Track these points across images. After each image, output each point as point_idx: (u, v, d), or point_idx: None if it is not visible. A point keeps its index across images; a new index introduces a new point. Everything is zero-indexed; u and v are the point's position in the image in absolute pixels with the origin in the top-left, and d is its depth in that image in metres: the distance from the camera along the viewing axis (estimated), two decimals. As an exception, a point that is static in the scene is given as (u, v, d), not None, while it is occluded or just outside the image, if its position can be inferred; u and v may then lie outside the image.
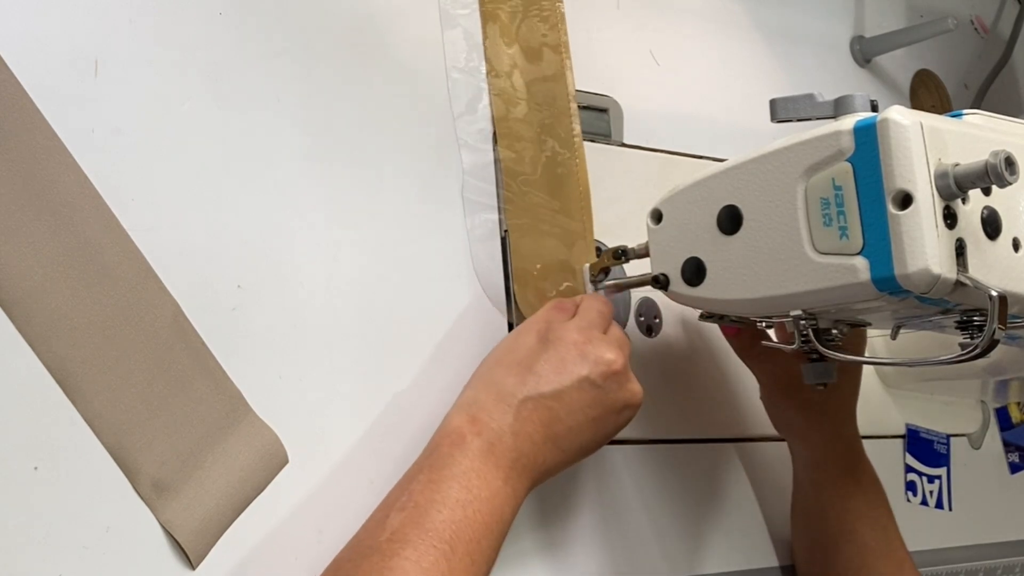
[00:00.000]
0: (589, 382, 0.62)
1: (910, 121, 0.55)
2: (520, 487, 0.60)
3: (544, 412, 0.61)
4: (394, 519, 0.56)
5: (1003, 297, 0.54)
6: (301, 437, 0.61)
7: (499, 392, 0.61)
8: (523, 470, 0.60)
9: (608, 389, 0.63)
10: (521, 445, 0.60)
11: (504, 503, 0.59)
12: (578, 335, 0.63)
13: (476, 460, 0.58)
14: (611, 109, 0.82)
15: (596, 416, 0.63)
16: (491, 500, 0.58)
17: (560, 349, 0.62)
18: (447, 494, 0.57)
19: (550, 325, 0.64)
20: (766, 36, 0.96)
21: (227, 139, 0.62)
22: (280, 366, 0.61)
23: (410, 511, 0.56)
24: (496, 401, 0.61)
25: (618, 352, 0.64)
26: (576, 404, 0.62)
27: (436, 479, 0.57)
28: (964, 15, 1.17)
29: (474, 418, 0.60)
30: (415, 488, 0.57)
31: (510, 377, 0.62)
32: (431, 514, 0.55)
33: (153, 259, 0.57)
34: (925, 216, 0.54)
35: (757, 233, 0.61)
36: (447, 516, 0.56)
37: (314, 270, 0.64)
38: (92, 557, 0.52)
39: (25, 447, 0.52)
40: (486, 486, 0.58)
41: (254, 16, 0.65)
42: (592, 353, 0.62)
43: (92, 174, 0.56)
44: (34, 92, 0.55)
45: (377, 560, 0.54)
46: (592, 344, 0.63)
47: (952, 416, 0.98)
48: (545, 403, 0.61)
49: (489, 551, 0.57)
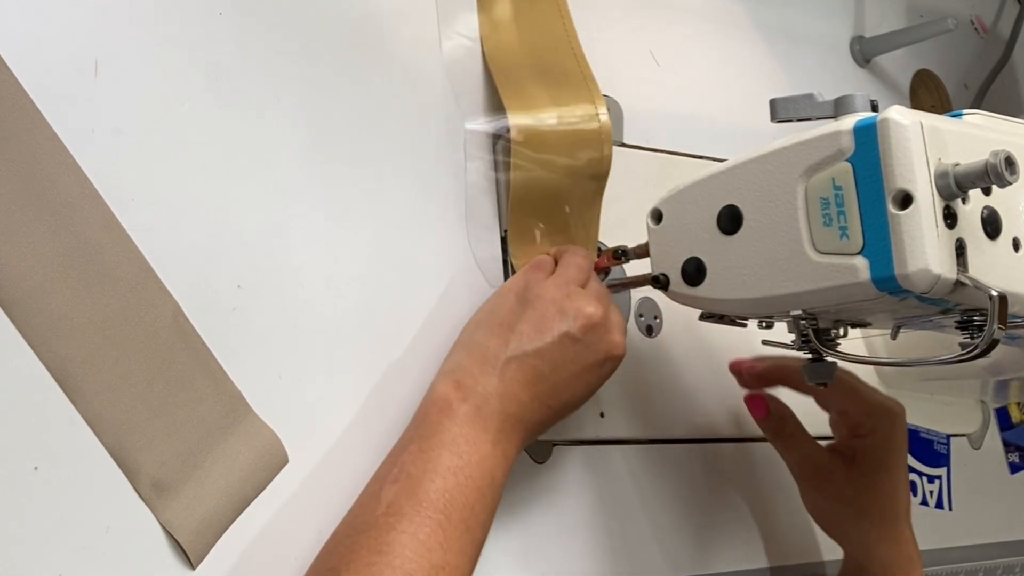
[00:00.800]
0: (570, 337, 0.62)
1: (910, 121, 0.55)
2: (510, 448, 0.60)
3: (528, 371, 0.61)
4: (388, 492, 0.56)
5: (1003, 297, 0.54)
6: (301, 437, 0.61)
7: (482, 355, 0.61)
8: (511, 431, 0.60)
9: (589, 342, 0.63)
10: (508, 406, 0.60)
11: (495, 466, 0.59)
12: (556, 291, 0.63)
13: (464, 425, 0.59)
14: (611, 109, 0.82)
15: (579, 370, 0.63)
16: (481, 464, 0.58)
17: (539, 307, 0.62)
18: (438, 462, 0.57)
19: (528, 284, 0.64)
20: (766, 36, 0.96)
21: (227, 139, 0.62)
22: (280, 366, 0.61)
23: (403, 483, 0.56)
24: (480, 364, 0.61)
25: (597, 304, 0.63)
26: (559, 360, 0.62)
27: (426, 448, 0.58)
28: (964, 15, 1.17)
29: (459, 383, 0.60)
30: (406, 459, 0.58)
31: (492, 339, 0.62)
32: (424, 484, 0.56)
33: (153, 259, 0.57)
34: (925, 216, 0.54)
35: (757, 233, 0.61)
36: (440, 485, 0.56)
37: (314, 270, 0.64)
38: (92, 557, 0.52)
39: (25, 447, 0.52)
40: (476, 451, 0.58)
41: (254, 16, 0.65)
42: (571, 308, 0.63)
43: (92, 174, 0.56)
44: (34, 92, 0.55)
45: (375, 535, 0.54)
46: (570, 299, 0.63)
47: (952, 416, 0.98)
48: (528, 362, 0.61)
49: (483, 516, 0.58)
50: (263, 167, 0.63)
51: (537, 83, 0.72)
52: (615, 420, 0.75)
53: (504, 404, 0.60)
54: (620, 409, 0.76)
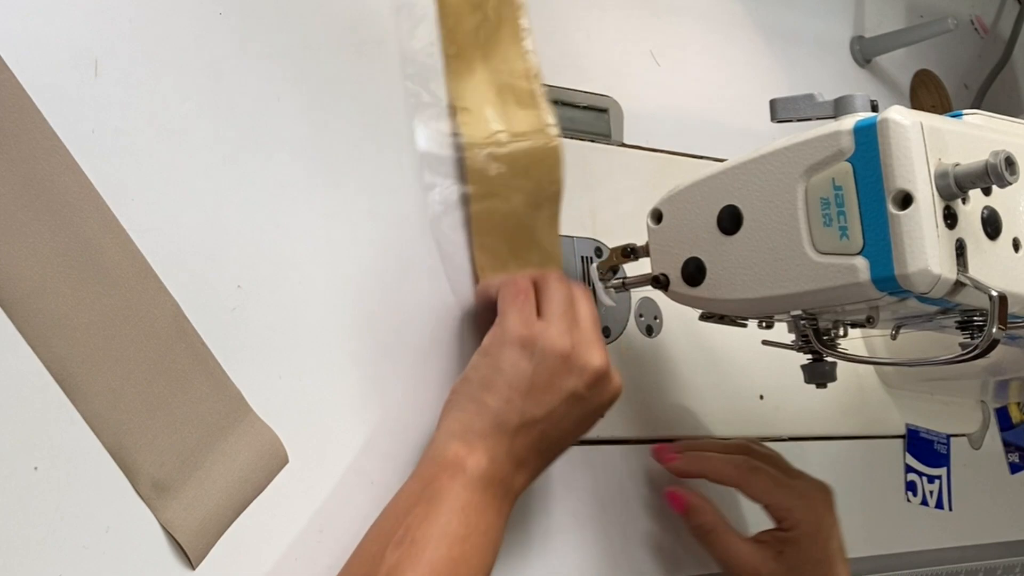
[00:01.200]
0: (576, 395, 0.62)
1: (910, 121, 0.55)
2: (508, 510, 0.61)
3: (536, 435, 0.61)
4: (391, 556, 0.55)
5: (1003, 297, 0.54)
6: (301, 437, 0.61)
7: (494, 420, 0.60)
8: (514, 495, 0.61)
9: (593, 395, 0.63)
10: (516, 474, 0.61)
11: (500, 531, 0.59)
12: (561, 341, 0.62)
13: (475, 494, 0.58)
14: (611, 109, 0.82)
15: (581, 420, 0.63)
16: (488, 532, 0.58)
17: (548, 363, 0.61)
18: (445, 529, 0.56)
19: (532, 334, 0.62)
20: (766, 36, 0.96)
21: (227, 139, 0.62)
22: (280, 366, 0.61)
23: (407, 548, 0.55)
24: (493, 430, 0.60)
25: (599, 347, 0.63)
26: (564, 417, 0.62)
27: (433, 512, 0.57)
28: (964, 15, 1.17)
29: (470, 448, 0.60)
30: (411, 522, 0.57)
31: (503, 403, 0.61)
32: (429, 552, 0.55)
33: (153, 259, 0.57)
34: (925, 216, 0.54)
35: (757, 233, 0.61)
36: (445, 553, 0.55)
37: (314, 270, 0.64)
38: (92, 557, 0.52)
39: (25, 447, 0.52)
40: (483, 519, 0.58)
41: (254, 16, 0.65)
42: (578, 362, 0.62)
43: (92, 174, 0.56)
44: (34, 92, 0.55)
45: None
46: (577, 350, 0.62)
47: (952, 416, 0.98)
48: (538, 427, 0.61)
49: None
50: (263, 167, 0.63)
51: (493, 104, 0.72)
52: (615, 420, 0.75)
53: (513, 472, 0.60)
54: (620, 409, 0.75)
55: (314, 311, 0.63)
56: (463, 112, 0.71)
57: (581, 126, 0.79)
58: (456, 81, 0.72)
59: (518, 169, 0.70)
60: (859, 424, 0.90)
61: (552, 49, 0.80)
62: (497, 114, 0.71)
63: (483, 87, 0.72)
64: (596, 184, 0.78)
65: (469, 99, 0.71)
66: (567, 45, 0.81)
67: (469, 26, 0.72)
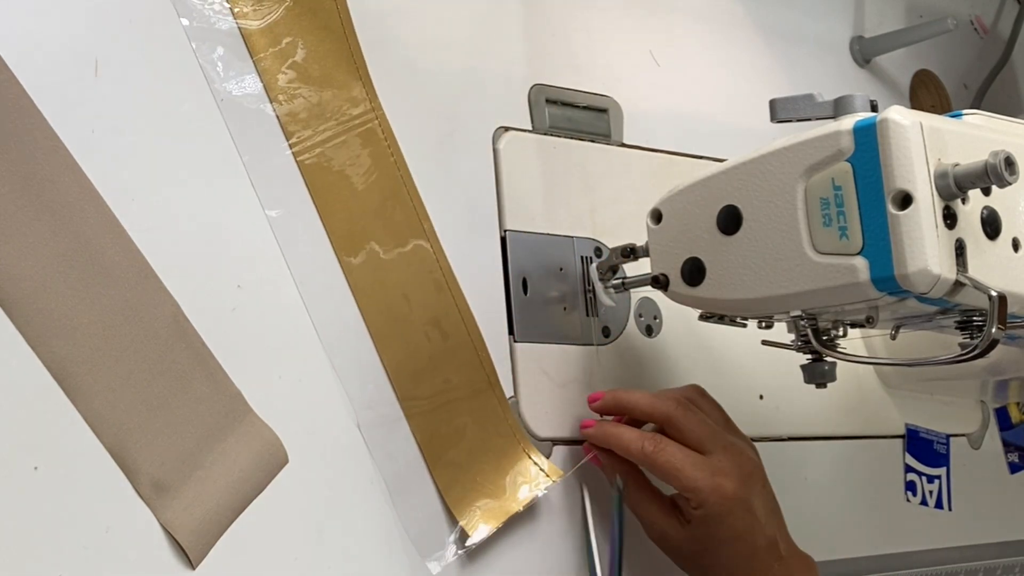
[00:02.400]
0: None
1: (910, 121, 0.55)
2: None
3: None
4: None
5: (1003, 297, 0.54)
6: (301, 437, 0.61)
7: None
8: None
9: None
10: None
11: None
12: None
13: None
14: (611, 109, 0.82)
15: None
16: None
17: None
18: None
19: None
20: (766, 36, 0.96)
21: (227, 139, 0.62)
22: (280, 366, 0.61)
23: None
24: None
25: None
26: None
27: None
28: (964, 15, 1.17)
29: None
30: None
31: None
32: None
33: (153, 259, 0.57)
34: (925, 216, 0.54)
35: (757, 233, 0.61)
36: None
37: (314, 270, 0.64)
38: (92, 557, 0.52)
39: (25, 447, 0.52)
40: None
41: (254, 16, 0.65)
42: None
43: (92, 174, 0.56)
44: (34, 92, 0.55)
45: None
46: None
47: (952, 416, 0.98)
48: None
49: None
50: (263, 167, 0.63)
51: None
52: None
53: None
54: (620, 409, 0.76)
55: (314, 311, 0.63)
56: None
57: (581, 126, 0.79)
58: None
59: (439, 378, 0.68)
60: (859, 424, 0.90)
61: (552, 49, 0.80)
62: None
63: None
64: (596, 184, 0.78)
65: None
66: (567, 45, 0.81)
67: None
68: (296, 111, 0.64)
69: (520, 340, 0.72)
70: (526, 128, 0.76)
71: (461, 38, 0.75)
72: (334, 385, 0.63)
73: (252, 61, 0.64)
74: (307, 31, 0.66)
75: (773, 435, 0.82)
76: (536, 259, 0.74)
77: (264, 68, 0.64)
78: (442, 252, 0.69)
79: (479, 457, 0.67)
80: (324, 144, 0.65)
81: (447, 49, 0.74)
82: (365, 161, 0.66)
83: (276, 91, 0.64)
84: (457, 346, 0.68)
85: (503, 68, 0.77)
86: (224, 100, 0.62)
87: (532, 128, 0.77)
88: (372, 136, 0.67)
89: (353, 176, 0.66)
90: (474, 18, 0.76)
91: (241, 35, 0.64)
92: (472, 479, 0.66)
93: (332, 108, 0.66)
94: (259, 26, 0.64)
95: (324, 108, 0.66)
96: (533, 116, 0.77)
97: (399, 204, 0.67)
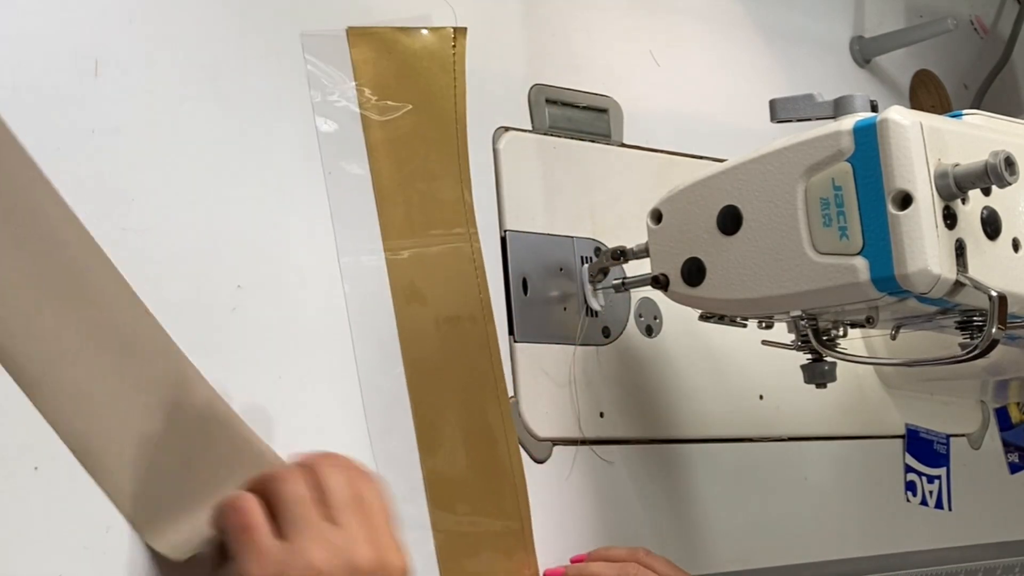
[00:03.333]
0: None
1: (910, 121, 0.55)
2: None
3: None
4: None
5: (1003, 297, 0.54)
6: (301, 437, 0.61)
7: None
8: None
9: None
10: None
11: None
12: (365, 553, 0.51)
13: None
14: (611, 109, 0.82)
15: None
16: None
17: None
18: None
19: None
20: (766, 36, 0.96)
21: (227, 139, 0.62)
22: (280, 366, 0.61)
23: None
24: None
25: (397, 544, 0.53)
26: None
27: None
28: (964, 15, 1.17)
29: None
30: None
31: None
32: None
33: (153, 259, 0.57)
34: (925, 216, 0.54)
35: (757, 233, 0.61)
36: None
37: (314, 270, 0.64)
38: (92, 557, 0.52)
39: (25, 447, 0.51)
40: None
41: (254, 16, 0.65)
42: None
43: (92, 174, 0.56)
44: (34, 92, 0.55)
45: None
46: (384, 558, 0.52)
47: (952, 416, 0.98)
48: None
49: None
50: (263, 167, 0.63)
51: None
52: (615, 420, 0.75)
53: None
54: (620, 409, 0.76)
55: (314, 311, 0.63)
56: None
57: (581, 126, 0.79)
58: None
59: None
60: (859, 424, 0.90)
61: (552, 49, 0.80)
62: None
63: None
64: (596, 184, 0.78)
65: None
66: (567, 45, 0.81)
67: None
68: (394, 220, 0.67)
69: (520, 340, 0.72)
70: (526, 128, 0.76)
71: (461, 38, 0.75)
72: (334, 385, 0.63)
73: (366, 153, 0.66)
74: (422, 140, 0.69)
75: (773, 435, 0.82)
76: (536, 259, 0.74)
77: (375, 165, 0.67)
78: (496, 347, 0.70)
79: None
80: (416, 247, 0.68)
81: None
82: (451, 276, 0.69)
83: (382, 190, 0.67)
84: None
85: (503, 68, 0.77)
86: (332, 173, 0.65)
87: (532, 128, 0.77)
88: (462, 255, 0.69)
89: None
90: (474, 18, 0.76)
91: (362, 127, 0.67)
92: None
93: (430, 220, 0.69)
94: (380, 120, 0.67)
95: (424, 219, 0.68)
96: (533, 116, 0.77)
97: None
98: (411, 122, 0.69)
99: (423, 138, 0.69)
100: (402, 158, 0.68)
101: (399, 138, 0.68)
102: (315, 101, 0.65)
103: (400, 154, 0.68)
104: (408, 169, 0.68)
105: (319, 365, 0.63)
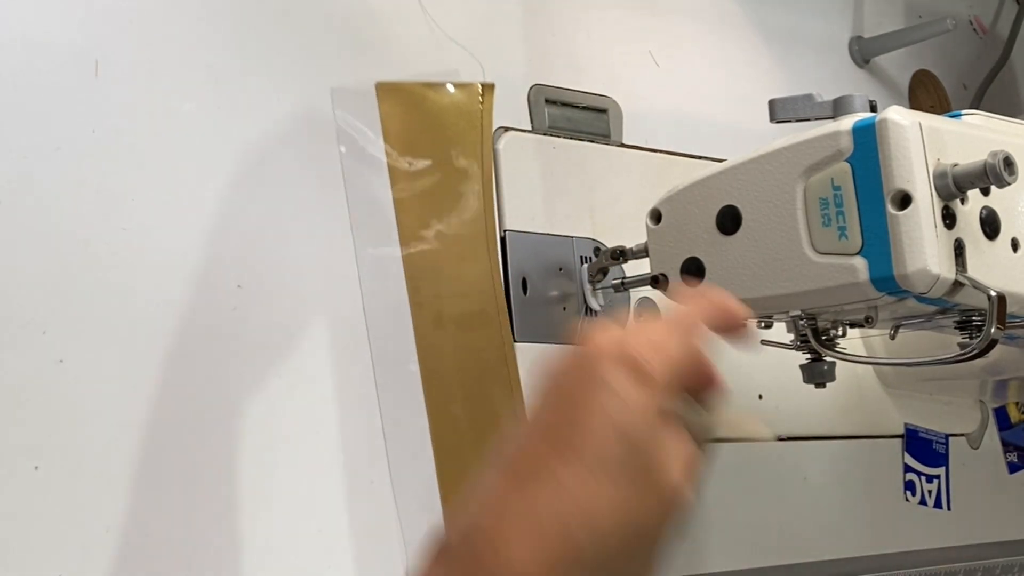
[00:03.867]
0: None
1: (909, 121, 0.55)
2: None
3: None
4: None
5: (1002, 297, 0.54)
6: (301, 437, 0.61)
7: None
8: None
9: None
10: None
11: None
12: None
13: None
14: (611, 109, 0.82)
15: None
16: None
17: None
18: None
19: None
20: (766, 36, 0.97)
21: (227, 139, 0.62)
22: (280, 366, 0.61)
23: None
24: None
25: None
26: None
27: None
28: (963, 15, 1.17)
29: None
30: None
31: None
32: None
33: (153, 259, 0.57)
34: (924, 216, 0.54)
35: (756, 233, 0.61)
36: None
37: (314, 270, 0.64)
38: (92, 557, 0.52)
39: (25, 447, 0.52)
40: None
41: (254, 16, 0.65)
42: None
43: (92, 174, 0.56)
44: (34, 92, 0.55)
45: None
46: None
47: (951, 416, 0.98)
48: None
49: None
50: (263, 167, 0.63)
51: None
52: (614, 420, 0.75)
53: None
54: (619, 409, 0.76)
55: (314, 311, 0.63)
56: None
57: (581, 126, 0.80)
58: None
59: None
60: (858, 424, 0.90)
61: (552, 49, 0.80)
62: None
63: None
64: (595, 184, 0.78)
65: None
66: (567, 45, 0.81)
67: None
68: (418, 286, 0.67)
69: (520, 340, 0.72)
70: (526, 128, 0.76)
71: (461, 38, 0.75)
72: (334, 385, 0.63)
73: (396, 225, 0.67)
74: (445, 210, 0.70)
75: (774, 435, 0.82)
76: (536, 259, 0.74)
77: (404, 232, 0.67)
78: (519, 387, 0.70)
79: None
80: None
81: (447, 49, 0.74)
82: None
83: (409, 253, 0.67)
84: None
85: (503, 68, 0.77)
86: (360, 252, 0.65)
87: (532, 128, 0.77)
88: (490, 321, 0.70)
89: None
90: (474, 18, 0.76)
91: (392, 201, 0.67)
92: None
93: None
94: (407, 196, 0.68)
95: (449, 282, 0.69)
96: (533, 116, 0.77)
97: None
98: None
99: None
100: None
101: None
102: (342, 152, 0.66)
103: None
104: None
105: (319, 365, 0.63)
